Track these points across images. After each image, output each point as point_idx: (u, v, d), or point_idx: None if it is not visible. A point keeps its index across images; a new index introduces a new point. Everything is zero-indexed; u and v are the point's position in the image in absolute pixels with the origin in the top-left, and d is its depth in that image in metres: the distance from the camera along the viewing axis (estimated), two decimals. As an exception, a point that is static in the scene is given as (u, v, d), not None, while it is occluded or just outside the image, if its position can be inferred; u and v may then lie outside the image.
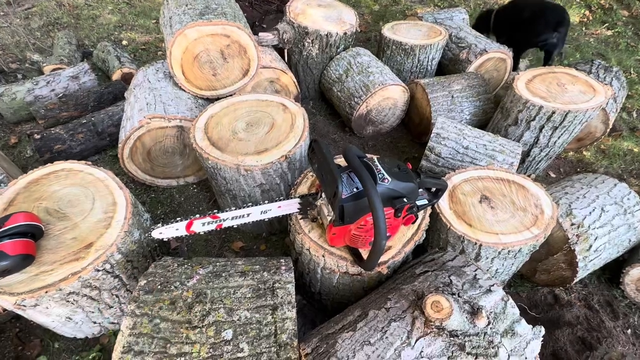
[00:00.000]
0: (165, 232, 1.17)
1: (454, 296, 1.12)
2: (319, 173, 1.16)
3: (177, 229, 1.18)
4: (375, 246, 1.09)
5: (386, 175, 1.16)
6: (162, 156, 2.12)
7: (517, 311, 1.13)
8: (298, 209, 1.32)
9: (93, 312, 1.50)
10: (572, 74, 2.23)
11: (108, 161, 2.46)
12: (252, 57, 2.17)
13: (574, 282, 1.71)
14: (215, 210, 1.21)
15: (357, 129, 2.67)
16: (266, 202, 1.27)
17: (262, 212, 1.27)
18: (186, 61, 2.04)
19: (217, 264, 1.40)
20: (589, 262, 1.65)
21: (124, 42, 3.64)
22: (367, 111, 2.56)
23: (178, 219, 1.17)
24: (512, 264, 1.53)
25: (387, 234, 1.29)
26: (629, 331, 1.78)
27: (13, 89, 2.60)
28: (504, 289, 1.92)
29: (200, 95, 2.19)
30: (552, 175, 2.59)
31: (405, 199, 1.18)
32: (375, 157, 1.24)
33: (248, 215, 1.25)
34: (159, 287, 1.27)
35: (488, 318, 1.09)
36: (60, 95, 2.68)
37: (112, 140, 2.46)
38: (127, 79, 2.93)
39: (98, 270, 1.34)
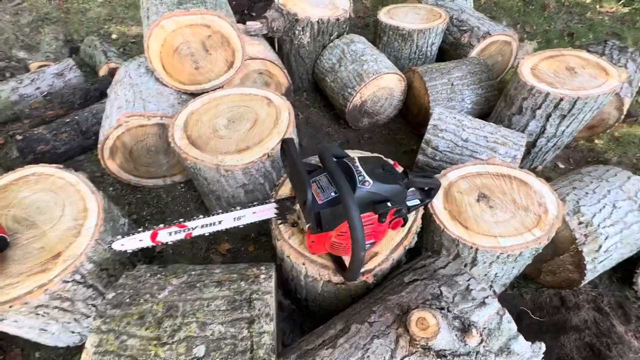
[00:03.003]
0: (128, 243, 1.08)
1: (442, 311, 1.01)
2: (290, 177, 1.05)
3: (140, 240, 1.09)
4: (352, 257, 0.99)
5: (367, 178, 1.04)
6: (145, 155, 2.03)
7: (514, 326, 1.02)
8: (275, 214, 1.22)
9: (69, 323, 1.43)
10: (582, 57, 2.05)
11: (94, 161, 2.38)
12: (236, 47, 2.05)
13: (582, 284, 1.58)
14: (182, 220, 1.11)
15: (352, 121, 2.54)
16: (238, 208, 1.16)
17: (235, 218, 1.17)
18: (166, 54, 1.93)
19: (193, 272, 1.31)
20: (598, 264, 1.52)
21: (114, 36, 3.53)
22: (362, 102, 2.42)
23: (140, 229, 1.08)
24: (513, 267, 1.41)
25: (372, 241, 1.18)
26: (642, 336, 1.65)
27: (-3, 87, 2.53)
28: (506, 290, 1.81)
29: (183, 90, 2.08)
30: (561, 166, 2.43)
31: (389, 203, 1.07)
32: (356, 157, 1.12)
33: (219, 222, 1.15)
34: (128, 300, 1.19)
35: (481, 335, 0.98)
36: (45, 93, 2.60)
37: (98, 139, 2.38)
38: (114, 74, 2.82)
39: (67, 282, 1.27)
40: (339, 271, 1.18)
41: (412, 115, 2.59)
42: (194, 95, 2.11)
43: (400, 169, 1.23)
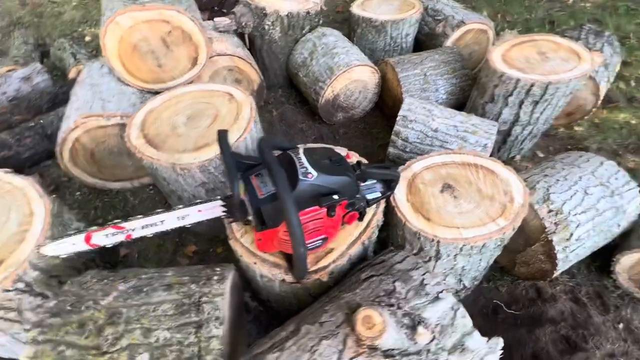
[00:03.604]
0: (59, 247, 1.02)
1: (392, 308, 0.95)
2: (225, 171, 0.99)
3: (74, 244, 1.03)
4: (294, 254, 0.93)
5: (310, 170, 0.98)
6: (108, 157, 1.96)
7: (469, 322, 0.97)
8: (223, 212, 1.16)
9: (19, 333, 1.37)
10: (555, 41, 2.00)
11: (59, 162, 2.31)
12: (199, 43, 1.99)
13: (555, 275, 1.53)
14: (119, 220, 1.05)
15: (327, 116, 2.49)
16: (181, 206, 1.11)
17: (178, 217, 1.11)
18: (124, 52, 1.87)
19: (143, 276, 1.25)
20: (570, 253, 1.47)
21: (87, 38, 3.47)
22: (334, 96, 2.36)
23: (71, 232, 1.02)
24: (480, 260, 1.36)
25: (322, 236, 1.12)
26: (620, 325, 1.60)
27: (-39, 94, 2.46)
28: (482, 283, 1.76)
29: (147, 89, 2.02)
30: (540, 154, 2.37)
31: (336, 196, 1.01)
32: (301, 148, 1.06)
33: (162, 222, 1.10)
34: (69, 308, 1.13)
35: (432, 332, 0.92)
36: (11, 98, 2.53)
37: (60, 142, 2.32)
38: (83, 76, 2.77)
39: (8, 291, 1.21)
40: (290, 270, 1.12)
41: (387, 108, 2.54)
42: (157, 94, 2.05)
43: (353, 160, 1.18)
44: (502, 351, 0.97)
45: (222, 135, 0.96)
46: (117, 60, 1.88)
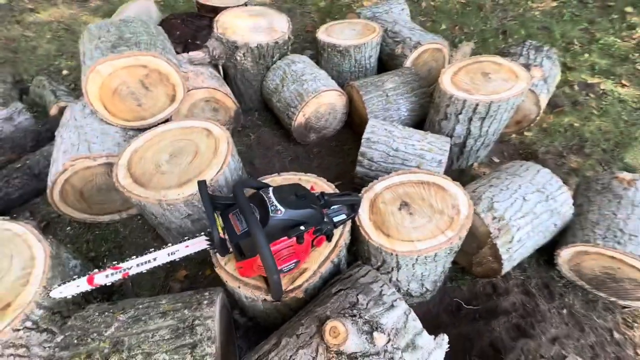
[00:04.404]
0: (66, 290, 1.17)
1: (354, 318, 1.15)
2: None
3: (78, 286, 1.18)
4: (269, 280, 1.11)
5: (279, 207, 1.17)
6: (97, 194, 2.10)
7: (418, 324, 1.17)
8: (208, 244, 1.33)
9: (29, 368, 1.50)
10: (496, 62, 2.25)
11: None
12: (176, 82, 2.15)
13: (503, 273, 1.75)
14: (115, 262, 1.21)
15: (301, 138, 2.67)
16: (170, 244, 1.27)
17: (169, 254, 1.28)
18: (105, 96, 2.01)
19: (140, 306, 1.40)
20: (514, 253, 1.70)
21: (65, 72, 3.56)
22: (306, 119, 2.56)
23: (75, 276, 1.17)
24: (436, 266, 1.56)
25: (295, 260, 1.30)
26: (564, 311, 1.84)
27: (-56, 139, 2.54)
28: (446, 284, 1.98)
29: (129, 126, 2.16)
30: (496, 160, 2.63)
31: (302, 226, 1.20)
32: (271, 188, 1.25)
33: (154, 259, 1.25)
34: (76, 341, 1.27)
35: (388, 335, 1.12)
36: (-5, 139, 2.62)
37: (50, 181, 2.43)
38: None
39: (17, 330, 1.34)
40: (269, 291, 1.30)
41: (356, 126, 2.75)
42: (140, 130, 2.20)
43: (318, 192, 1.37)
44: (463, 342, 1.17)
45: (202, 186, 1.13)
46: (99, 103, 2.02)
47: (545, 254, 2.03)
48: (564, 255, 1.84)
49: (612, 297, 1.82)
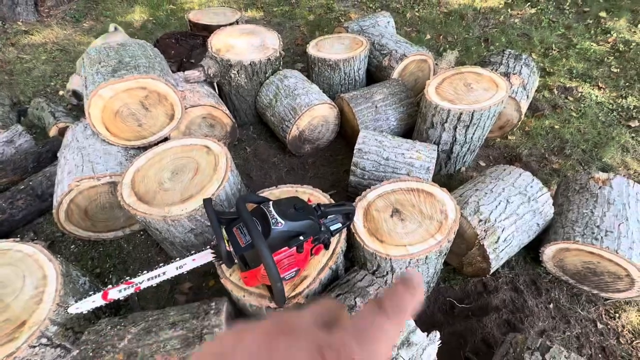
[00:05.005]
0: (82, 306, 1.25)
1: (353, 319, 1.24)
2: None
3: (93, 301, 1.26)
4: (273, 288, 1.20)
5: (279, 219, 1.26)
6: (101, 212, 2.17)
7: (412, 322, 1.26)
8: (214, 257, 1.41)
9: (44, 383, 1.56)
10: (477, 72, 2.38)
11: (53, 222, 2.46)
12: (174, 102, 2.24)
13: (491, 272, 1.86)
14: (128, 277, 1.29)
15: (295, 149, 2.78)
16: (177, 258, 1.35)
17: (177, 267, 1.36)
18: (107, 118, 2.10)
19: (150, 319, 1.48)
20: (500, 252, 1.81)
21: (61, 93, 3.63)
22: (300, 132, 2.66)
23: (91, 292, 1.25)
24: (428, 268, 1.67)
25: (295, 269, 1.40)
26: (551, 305, 1.95)
27: (-54, 164, 2.59)
28: (439, 284, 2.08)
29: (130, 146, 2.25)
30: (482, 164, 2.75)
31: (302, 237, 1.29)
32: (270, 202, 1.34)
33: (164, 273, 1.34)
34: (91, 354, 1.35)
35: (385, 334, 1.21)
36: (-3, 162, 2.68)
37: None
38: (64, 133, 2.94)
39: (34, 347, 1.41)
40: (272, 298, 1.39)
41: (348, 136, 2.86)
42: (141, 149, 2.29)
43: (314, 203, 1.47)
44: (458, 340, 1.27)
45: (207, 204, 1.22)
46: (101, 125, 2.10)
47: (532, 252, 2.15)
48: (548, 253, 1.96)
49: (594, 290, 1.94)
